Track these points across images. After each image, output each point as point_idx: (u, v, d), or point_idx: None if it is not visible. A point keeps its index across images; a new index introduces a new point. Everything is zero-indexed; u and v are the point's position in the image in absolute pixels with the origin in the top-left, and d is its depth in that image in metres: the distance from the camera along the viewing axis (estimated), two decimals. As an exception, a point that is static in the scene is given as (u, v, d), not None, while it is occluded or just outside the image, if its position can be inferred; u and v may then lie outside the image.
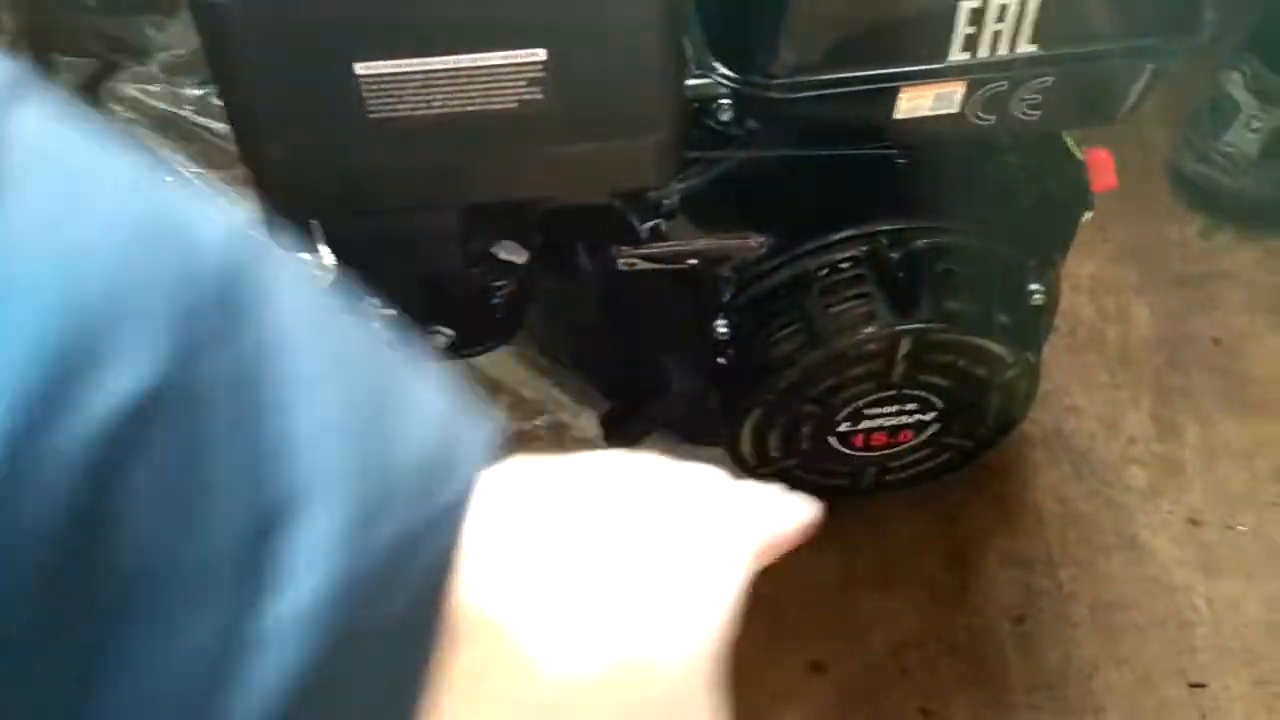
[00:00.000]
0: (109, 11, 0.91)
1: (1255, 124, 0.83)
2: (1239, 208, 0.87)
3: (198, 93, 0.83)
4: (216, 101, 0.84)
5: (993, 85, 0.50)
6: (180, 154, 0.83)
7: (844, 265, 0.56)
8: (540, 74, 0.43)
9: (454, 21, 0.41)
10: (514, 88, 0.43)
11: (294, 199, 0.46)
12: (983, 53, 0.48)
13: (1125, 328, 0.82)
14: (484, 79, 0.43)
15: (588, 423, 0.73)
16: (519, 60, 0.42)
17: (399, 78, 0.42)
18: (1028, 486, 0.74)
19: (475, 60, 0.42)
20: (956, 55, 0.48)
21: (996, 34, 0.48)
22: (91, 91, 0.91)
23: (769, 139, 0.53)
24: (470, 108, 0.43)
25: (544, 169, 0.47)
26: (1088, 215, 0.64)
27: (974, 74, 0.48)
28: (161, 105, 0.82)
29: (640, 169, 0.48)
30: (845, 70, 0.48)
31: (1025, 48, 0.48)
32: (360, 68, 0.42)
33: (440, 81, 0.43)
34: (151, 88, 0.83)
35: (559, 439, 0.74)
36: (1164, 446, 0.76)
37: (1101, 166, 0.60)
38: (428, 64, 0.42)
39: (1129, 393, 0.79)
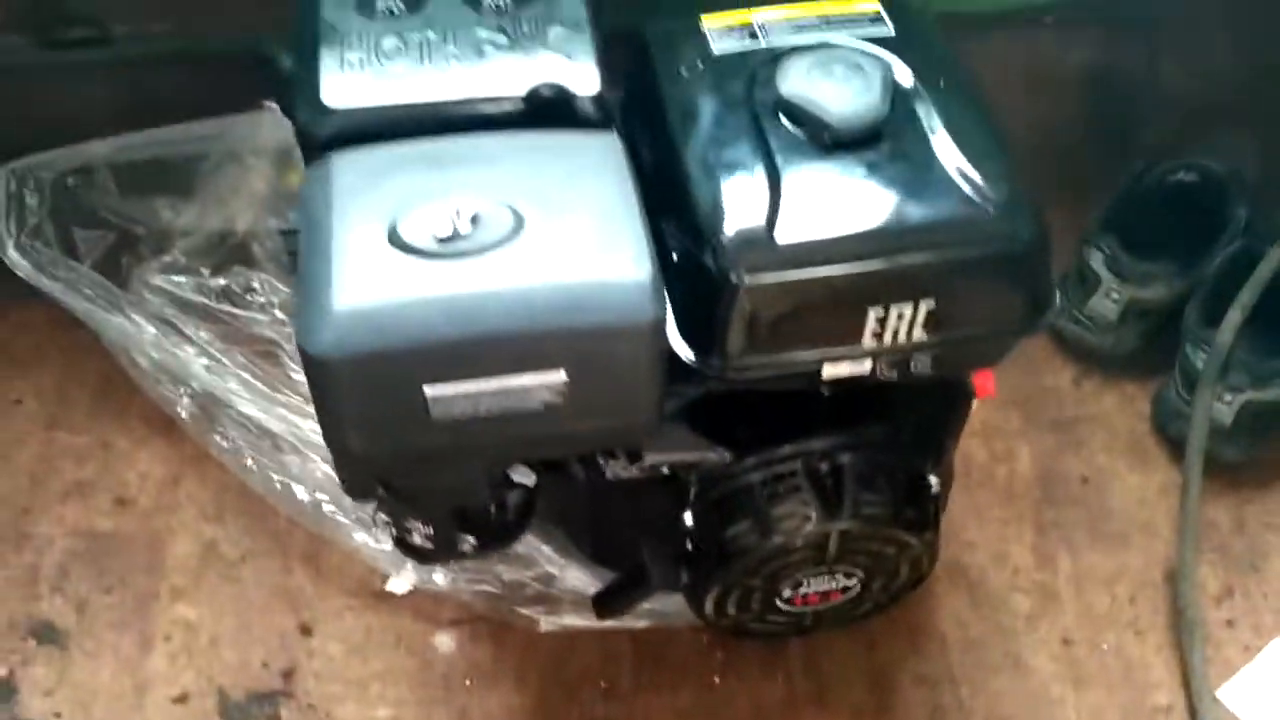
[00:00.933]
0: (127, 193, 1.03)
1: (1114, 295, 1.00)
2: (1103, 360, 1.04)
3: (221, 282, 0.96)
4: (237, 289, 0.97)
5: (894, 356, 0.65)
6: (206, 333, 0.95)
7: (785, 475, 0.71)
8: (562, 386, 0.57)
9: (501, 359, 0.55)
10: (542, 395, 0.57)
11: (367, 474, 0.60)
12: (886, 340, 0.63)
13: (1011, 467, 0.99)
14: (520, 391, 0.57)
15: (574, 576, 0.87)
16: (547, 379, 0.57)
17: (457, 394, 0.56)
18: (933, 614, 0.90)
19: (514, 380, 0.56)
20: (868, 342, 0.63)
21: (896, 329, 0.63)
22: (113, 264, 1.02)
23: (727, 382, 0.67)
24: (508, 408, 0.57)
25: (561, 440, 0.61)
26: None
27: (880, 353, 0.64)
28: (188, 294, 0.94)
29: (633, 434, 0.63)
30: (780, 355, 0.63)
31: (919, 334, 0.64)
32: (428, 389, 0.56)
33: (487, 394, 0.56)
34: (178, 278, 0.95)
35: (547, 590, 0.88)
36: (1042, 575, 0.93)
37: (984, 380, 0.75)
38: (479, 384, 0.56)
39: (1014, 527, 0.96)
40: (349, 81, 0.64)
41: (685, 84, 0.67)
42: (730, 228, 0.61)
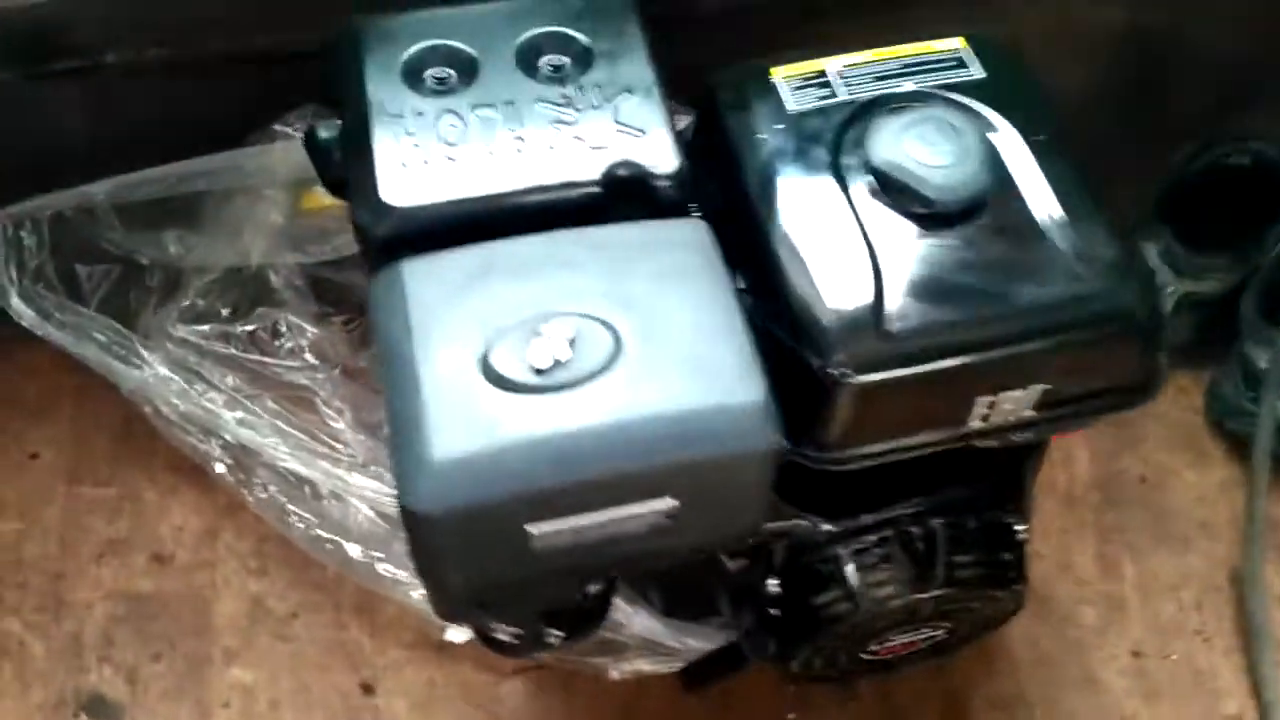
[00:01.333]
0: (131, 226, 0.96)
1: (1169, 289, 0.97)
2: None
3: (248, 328, 0.90)
4: (264, 335, 0.92)
5: (998, 433, 0.62)
6: (234, 380, 0.90)
7: (875, 542, 0.69)
8: (670, 509, 0.54)
9: (608, 495, 0.51)
10: (649, 519, 0.54)
11: (465, 607, 0.57)
12: (993, 421, 0.60)
13: (1070, 472, 0.97)
14: (626, 519, 0.54)
15: (642, 623, 0.85)
16: (654, 506, 0.53)
17: (561, 529, 0.53)
18: (1003, 633, 0.89)
19: (620, 511, 0.53)
20: (973, 424, 0.60)
21: (1004, 411, 0.60)
22: (121, 301, 0.97)
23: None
24: (613, 534, 0.54)
25: (665, 553, 0.58)
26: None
27: (984, 432, 0.61)
28: (213, 344, 0.89)
29: (739, 540, 0.61)
30: (881, 443, 0.60)
31: (1028, 413, 0.61)
32: (532, 527, 0.52)
33: (592, 525, 0.53)
34: (201, 327, 0.89)
35: (614, 637, 0.86)
36: (1107, 584, 0.92)
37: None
38: (584, 518, 0.53)
39: (1076, 535, 0.95)
40: (409, 175, 0.58)
41: (762, 149, 0.62)
42: (832, 321, 0.57)
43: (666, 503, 0.53)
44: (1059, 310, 0.58)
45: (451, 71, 0.62)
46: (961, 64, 0.65)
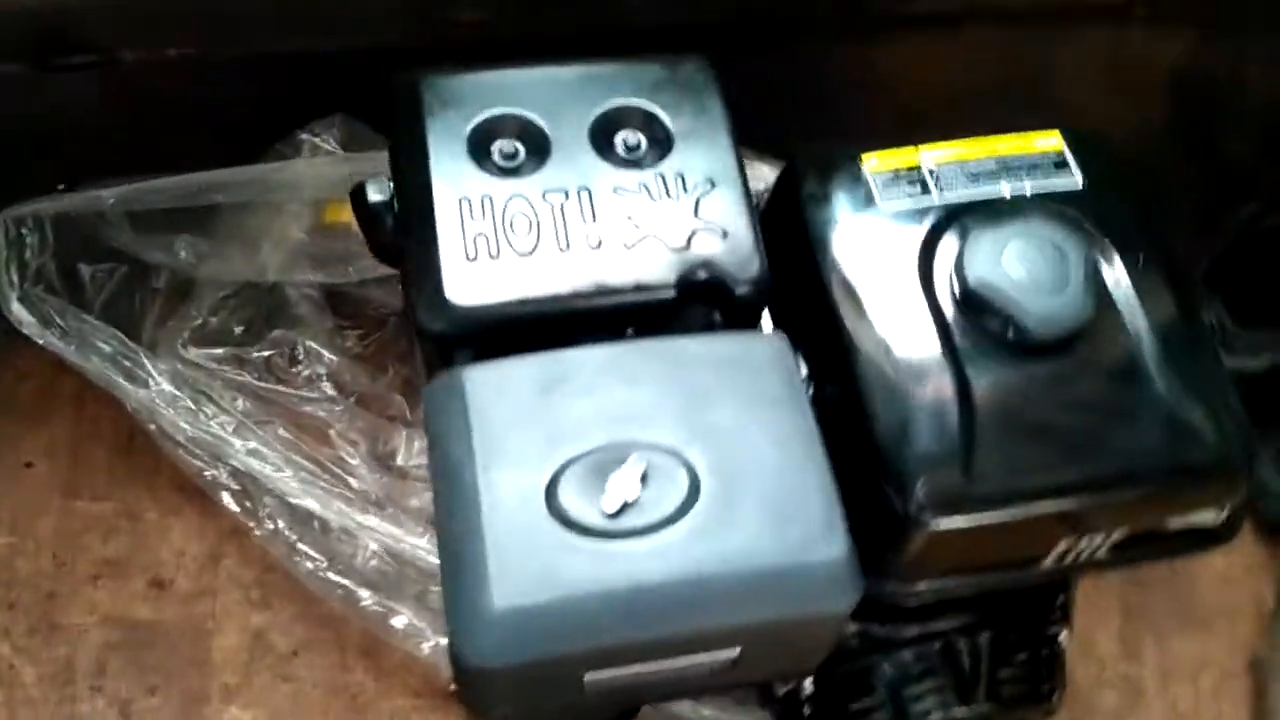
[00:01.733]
0: (140, 229, 0.91)
1: (1215, 365, 0.94)
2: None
3: (263, 354, 0.85)
4: (281, 361, 0.87)
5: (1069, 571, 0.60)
6: (246, 405, 0.86)
7: (918, 655, 0.66)
8: (733, 659, 0.51)
9: (674, 649, 0.48)
10: (709, 667, 0.51)
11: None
12: (1068, 561, 0.58)
13: (1097, 545, 0.95)
14: (687, 667, 0.50)
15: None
16: (721, 657, 0.50)
17: (619, 675, 0.50)
18: (1023, 714, 0.88)
19: (683, 661, 0.50)
20: (1048, 564, 0.58)
21: (1082, 552, 0.57)
22: (126, 304, 0.91)
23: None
24: (670, 678, 0.51)
25: (719, 690, 0.55)
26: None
27: (1058, 570, 0.58)
28: (226, 369, 0.84)
29: (799, 676, 0.58)
30: (956, 581, 0.57)
31: (1104, 555, 0.58)
32: (589, 676, 0.49)
33: (651, 672, 0.50)
34: (214, 350, 0.84)
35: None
36: (1129, 667, 0.91)
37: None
38: (645, 668, 0.49)
39: (1100, 613, 0.93)
40: (475, 271, 0.54)
41: (848, 252, 0.59)
42: (917, 459, 0.53)
43: (733, 652, 0.51)
44: (1152, 457, 0.55)
45: (521, 147, 0.58)
46: (1062, 166, 0.61)
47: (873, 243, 0.59)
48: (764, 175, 0.81)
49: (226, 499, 0.86)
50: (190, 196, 0.84)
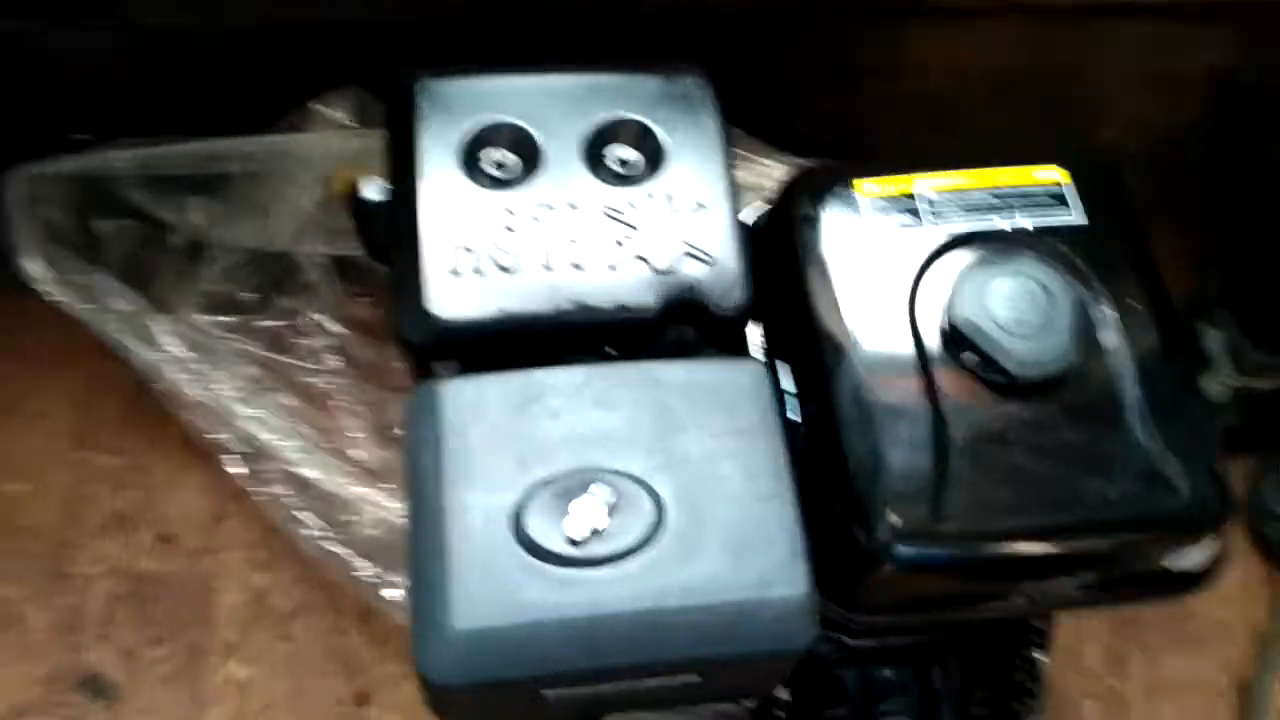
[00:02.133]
0: (154, 188, 0.92)
1: (1225, 381, 0.93)
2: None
3: (268, 324, 0.87)
4: (287, 330, 0.89)
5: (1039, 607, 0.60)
6: (249, 370, 0.87)
7: (895, 670, 0.67)
8: (694, 682, 0.52)
9: (633, 674, 0.49)
10: (669, 688, 0.52)
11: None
12: (1038, 600, 0.58)
13: (1092, 553, 0.95)
14: (647, 688, 0.52)
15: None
16: (678, 680, 0.51)
17: (581, 694, 0.51)
18: None
19: (643, 684, 0.51)
20: (1017, 603, 0.58)
21: (1052, 593, 0.57)
22: (138, 264, 0.93)
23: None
24: (631, 694, 0.52)
25: (681, 704, 0.56)
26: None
27: (1029, 610, 0.58)
28: (232, 338, 0.86)
29: (762, 693, 0.59)
30: (922, 616, 0.57)
31: (1074, 594, 0.58)
32: (549, 692, 0.50)
33: (611, 690, 0.51)
34: (222, 318, 0.86)
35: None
36: (1113, 679, 0.91)
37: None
38: (606, 687, 0.51)
39: (1089, 621, 0.93)
40: (459, 285, 0.54)
41: (835, 277, 0.58)
42: (886, 492, 0.53)
43: (691, 678, 0.52)
44: (1124, 508, 0.55)
45: (512, 157, 0.58)
46: (1062, 203, 0.60)
47: (860, 269, 0.58)
48: (772, 175, 0.81)
49: (231, 462, 0.88)
50: (203, 163, 0.86)
